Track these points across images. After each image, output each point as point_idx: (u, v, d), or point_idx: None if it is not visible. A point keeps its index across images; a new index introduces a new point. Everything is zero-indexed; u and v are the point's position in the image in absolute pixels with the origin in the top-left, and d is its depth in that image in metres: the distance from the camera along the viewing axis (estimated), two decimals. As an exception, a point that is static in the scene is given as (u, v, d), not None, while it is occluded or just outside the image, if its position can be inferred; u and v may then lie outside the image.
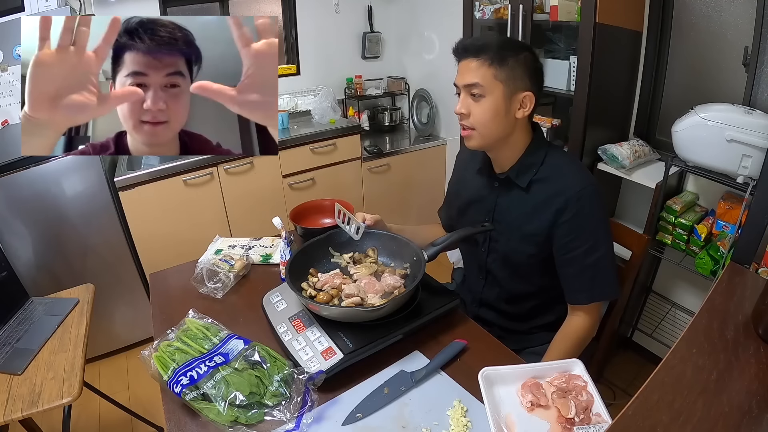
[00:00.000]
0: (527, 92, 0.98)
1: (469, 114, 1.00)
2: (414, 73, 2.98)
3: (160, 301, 1.20)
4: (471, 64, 0.97)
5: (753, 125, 1.27)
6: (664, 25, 1.66)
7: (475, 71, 0.97)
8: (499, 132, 1.01)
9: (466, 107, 1.00)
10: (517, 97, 0.98)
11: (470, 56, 0.98)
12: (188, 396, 0.81)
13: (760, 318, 0.75)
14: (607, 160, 1.65)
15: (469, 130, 1.02)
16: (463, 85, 1.00)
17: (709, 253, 1.49)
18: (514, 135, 1.03)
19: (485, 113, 0.98)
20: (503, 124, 1.00)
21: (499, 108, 0.98)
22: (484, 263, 1.17)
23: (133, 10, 2.25)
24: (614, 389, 1.81)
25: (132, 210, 2.00)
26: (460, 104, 1.01)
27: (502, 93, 0.97)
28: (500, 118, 0.99)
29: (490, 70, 0.96)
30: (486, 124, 0.99)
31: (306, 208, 1.47)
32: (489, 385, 0.81)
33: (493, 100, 0.97)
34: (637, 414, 0.61)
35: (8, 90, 1.67)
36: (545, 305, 1.16)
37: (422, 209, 2.84)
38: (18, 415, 1.10)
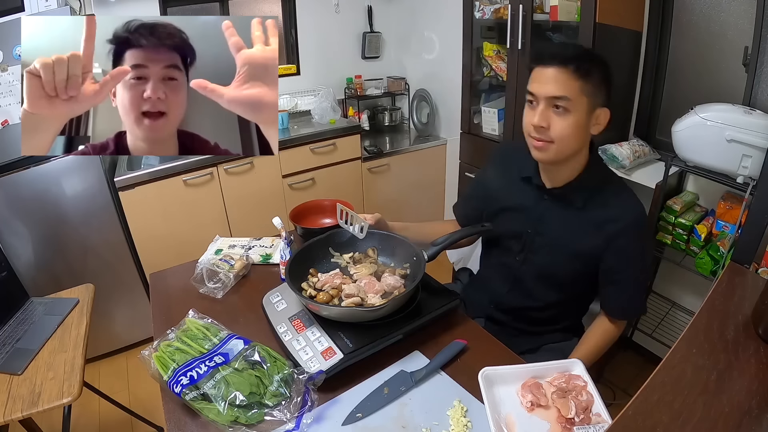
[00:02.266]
0: (604, 108, 0.94)
1: (548, 127, 0.93)
2: (414, 73, 2.98)
3: (160, 301, 1.20)
4: (557, 74, 0.89)
5: (753, 125, 1.27)
6: (664, 25, 1.66)
7: (563, 83, 0.89)
8: (574, 148, 0.96)
9: (546, 120, 0.92)
10: (596, 113, 0.93)
11: (555, 64, 0.90)
12: (188, 396, 0.81)
13: (760, 318, 0.75)
14: (607, 160, 1.65)
15: (546, 142, 0.95)
16: (546, 96, 0.92)
17: (709, 253, 1.49)
18: (581, 153, 0.99)
19: (568, 128, 0.92)
20: (580, 141, 0.95)
21: (582, 124, 0.92)
22: (517, 272, 1.15)
23: (133, 10, 2.25)
24: (614, 389, 1.80)
25: (132, 210, 2.00)
26: (539, 116, 0.92)
27: (586, 108, 0.91)
28: (580, 134, 0.93)
29: (577, 83, 0.89)
30: (566, 139, 0.93)
31: (306, 208, 1.47)
32: (489, 385, 0.81)
33: (578, 116, 0.91)
34: (637, 414, 0.61)
35: (8, 90, 1.67)
36: (568, 311, 1.17)
37: (422, 209, 2.84)
38: (18, 415, 1.10)
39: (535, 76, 0.94)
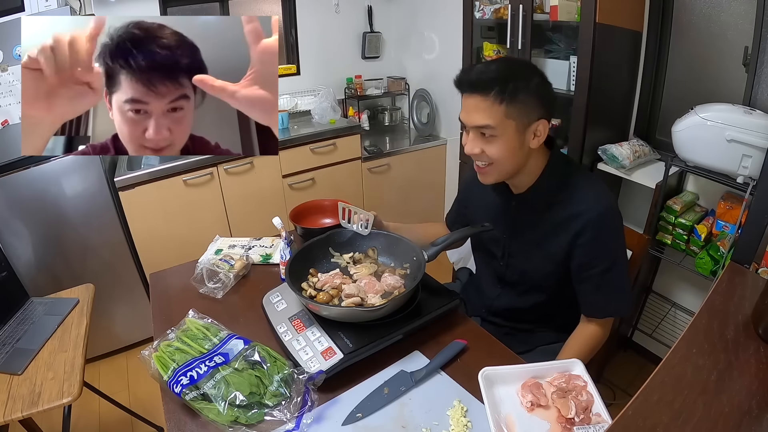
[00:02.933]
0: (540, 120, 0.93)
1: (482, 152, 0.95)
2: (414, 73, 2.98)
3: (160, 301, 1.20)
4: (479, 102, 0.90)
5: (753, 125, 1.27)
6: (664, 25, 1.66)
7: (484, 111, 0.90)
8: (516, 165, 0.97)
9: (478, 147, 0.94)
10: (530, 128, 0.93)
11: (477, 92, 0.90)
12: (188, 396, 0.81)
13: (760, 318, 0.75)
14: (607, 160, 1.65)
15: (487, 165, 0.97)
16: (472, 126, 0.93)
17: (709, 253, 1.49)
18: (530, 162, 0.99)
19: (500, 152, 0.93)
20: (519, 157, 0.96)
21: (514, 145, 0.93)
22: (502, 275, 1.17)
23: (133, 10, 2.25)
24: (614, 389, 1.81)
25: (132, 210, 2.00)
26: (470, 144, 0.95)
27: (515, 130, 0.91)
28: (516, 153, 0.94)
29: (500, 109, 0.89)
30: (502, 161, 0.95)
31: (306, 208, 1.47)
32: (489, 385, 0.81)
33: (507, 139, 0.92)
34: (637, 414, 0.61)
35: (8, 90, 1.67)
36: (558, 311, 1.17)
37: (422, 209, 2.84)
38: (18, 415, 1.10)
39: (462, 104, 0.95)
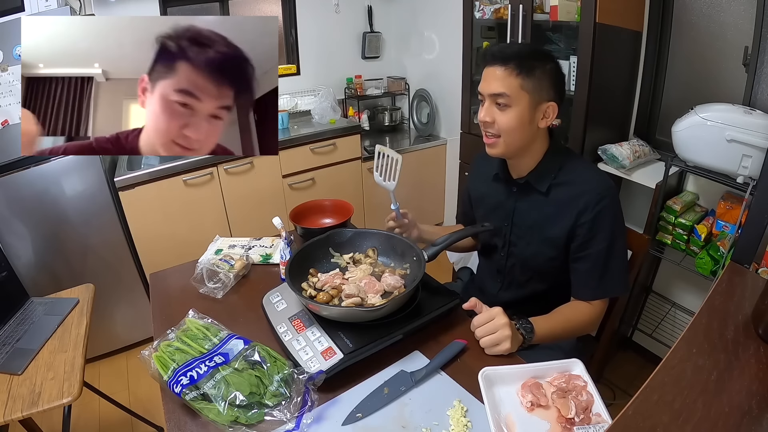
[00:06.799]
0: (551, 102, 0.98)
1: (493, 122, 0.99)
2: (414, 73, 2.98)
3: (160, 301, 1.19)
4: (498, 72, 0.96)
5: (753, 125, 1.27)
6: (664, 25, 1.66)
7: (501, 80, 0.96)
8: (522, 140, 1.01)
9: (490, 115, 0.99)
10: (541, 107, 0.98)
11: (497, 64, 0.96)
12: (188, 396, 0.81)
13: (760, 318, 0.75)
14: (607, 160, 1.65)
15: (494, 138, 1.02)
16: (488, 94, 0.98)
17: (709, 253, 1.49)
18: (535, 143, 1.03)
19: (510, 122, 0.98)
20: (527, 133, 1.00)
21: (524, 118, 0.98)
22: (503, 267, 1.18)
23: (132, 10, 2.25)
24: (614, 389, 1.81)
25: (132, 210, 2.00)
26: (484, 112, 1.00)
27: (528, 103, 0.97)
28: (524, 128, 0.99)
29: (517, 80, 0.95)
30: (510, 133, 0.99)
31: (306, 208, 1.47)
32: (489, 385, 0.81)
33: (519, 111, 0.97)
34: (637, 414, 0.61)
35: (8, 90, 1.67)
36: (558, 301, 1.16)
37: (422, 209, 2.84)
38: (18, 415, 1.10)
39: (483, 76, 1.00)
